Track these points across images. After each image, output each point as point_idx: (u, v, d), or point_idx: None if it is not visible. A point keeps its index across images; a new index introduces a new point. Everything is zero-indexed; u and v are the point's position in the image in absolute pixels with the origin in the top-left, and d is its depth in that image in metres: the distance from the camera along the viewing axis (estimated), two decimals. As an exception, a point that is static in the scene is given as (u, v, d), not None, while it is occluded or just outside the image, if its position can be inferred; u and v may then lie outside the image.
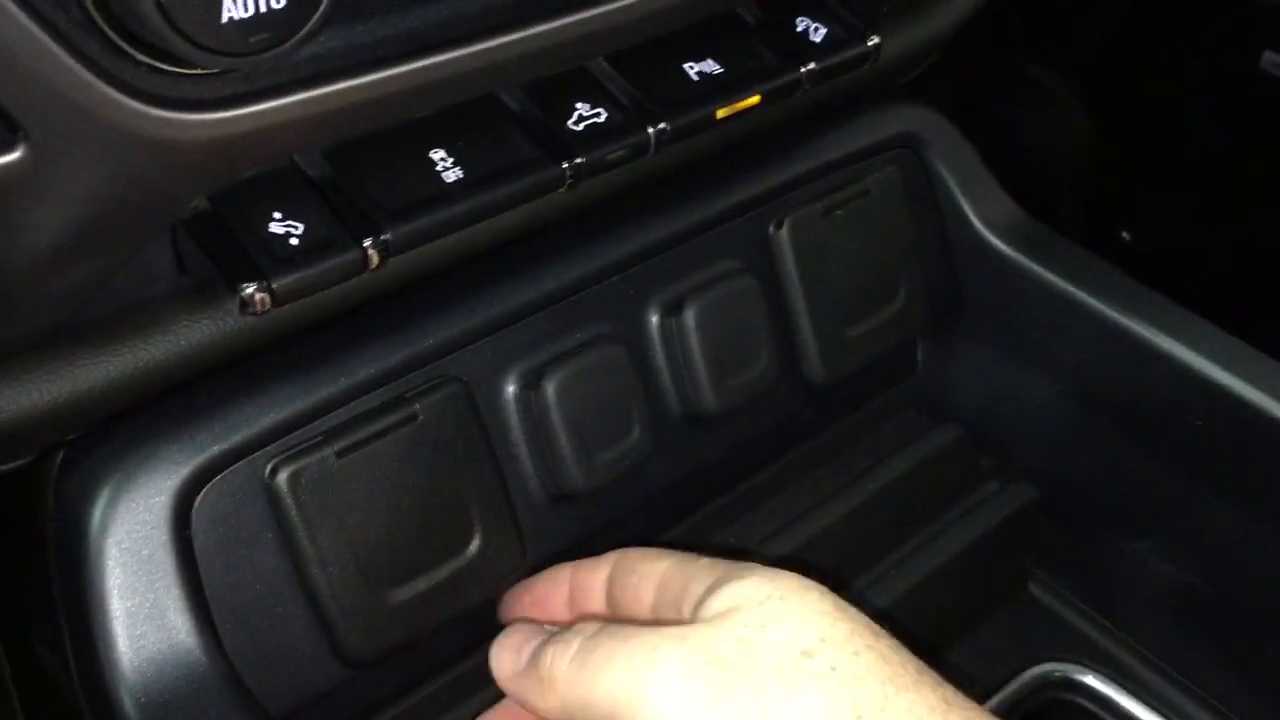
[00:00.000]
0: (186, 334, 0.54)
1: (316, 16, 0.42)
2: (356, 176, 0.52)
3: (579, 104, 0.57)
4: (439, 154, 0.54)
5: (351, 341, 0.59)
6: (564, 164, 0.55)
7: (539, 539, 0.64)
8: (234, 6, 0.40)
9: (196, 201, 0.49)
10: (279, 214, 0.50)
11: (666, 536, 0.72)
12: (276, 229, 0.50)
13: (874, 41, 0.65)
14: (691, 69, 0.61)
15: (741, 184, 0.71)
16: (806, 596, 0.48)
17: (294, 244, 0.50)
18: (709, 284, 0.68)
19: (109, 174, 0.43)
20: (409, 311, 0.60)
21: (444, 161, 0.54)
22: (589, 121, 0.57)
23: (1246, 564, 0.74)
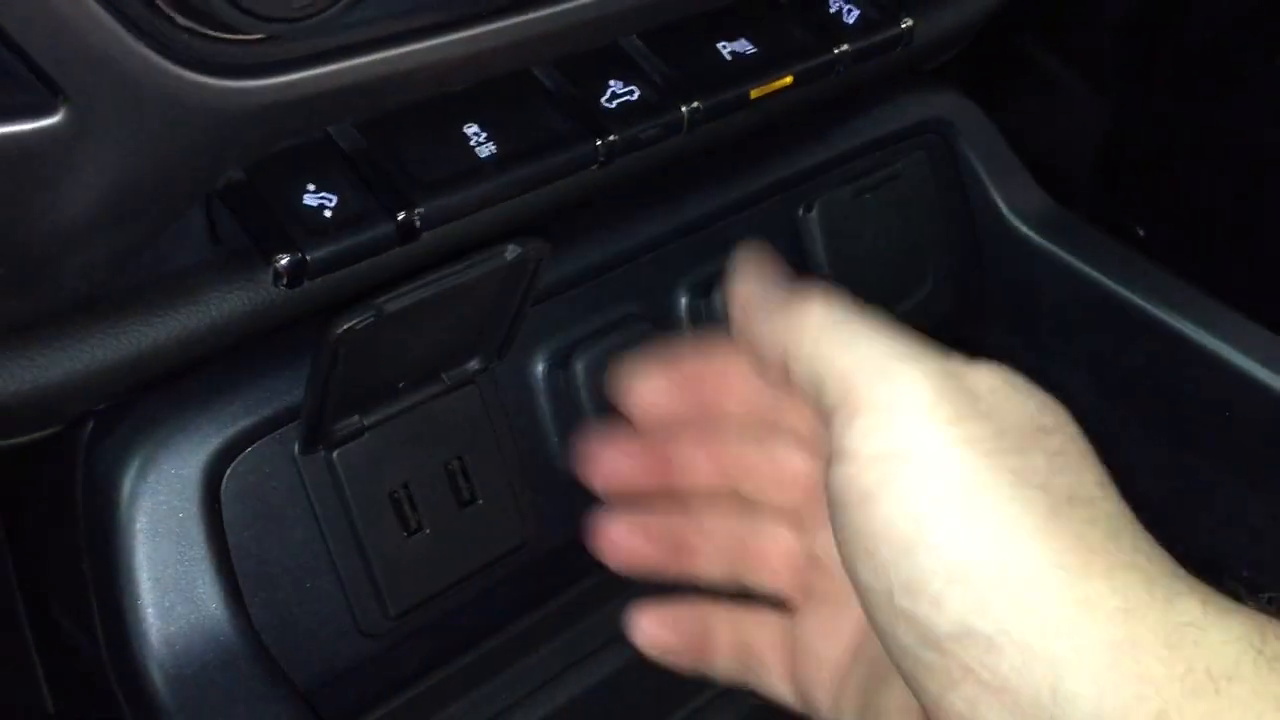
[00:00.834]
0: (219, 305, 0.53)
1: (359, -16, 0.42)
2: (390, 150, 0.51)
3: (612, 81, 0.57)
4: (473, 129, 0.53)
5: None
6: (597, 141, 0.55)
7: (561, 516, 0.64)
8: (278, -28, 0.39)
9: (231, 172, 0.49)
10: (313, 186, 0.50)
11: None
12: (310, 201, 0.49)
13: (907, 24, 0.65)
14: (725, 48, 0.60)
15: (771, 166, 0.71)
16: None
17: (327, 216, 0.49)
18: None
19: (148, 140, 0.43)
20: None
21: (477, 136, 0.53)
22: (622, 99, 0.57)
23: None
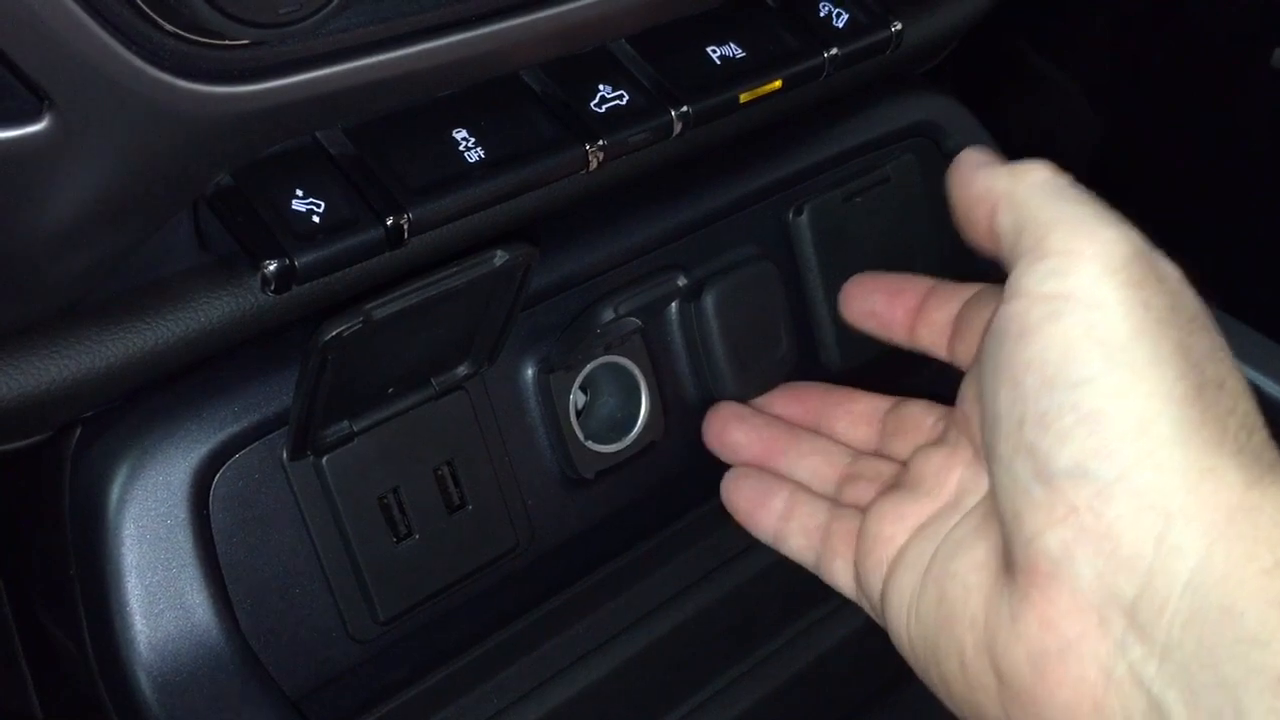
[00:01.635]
0: (207, 311, 0.53)
1: (345, -11, 0.41)
2: (379, 155, 0.51)
3: (601, 86, 0.57)
4: (461, 134, 0.53)
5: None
6: (586, 145, 0.55)
7: (551, 520, 0.65)
8: (263, -23, 0.39)
9: (219, 177, 0.49)
10: (301, 191, 0.49)
11: (682, 519, 0.71)
12: (299, 206, 0.49)
13: (896, 27, 0.65)
14: (714, 52, 0.60)
15: (761, 170, 0.71)
16: None
17: (316, 221, 0.49)
18: (728, 269, 0.68)
19: (134, 145, 0.42)
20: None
21: (466, 141, 0.53)
22: (611, 104, 0.57)
23: None
